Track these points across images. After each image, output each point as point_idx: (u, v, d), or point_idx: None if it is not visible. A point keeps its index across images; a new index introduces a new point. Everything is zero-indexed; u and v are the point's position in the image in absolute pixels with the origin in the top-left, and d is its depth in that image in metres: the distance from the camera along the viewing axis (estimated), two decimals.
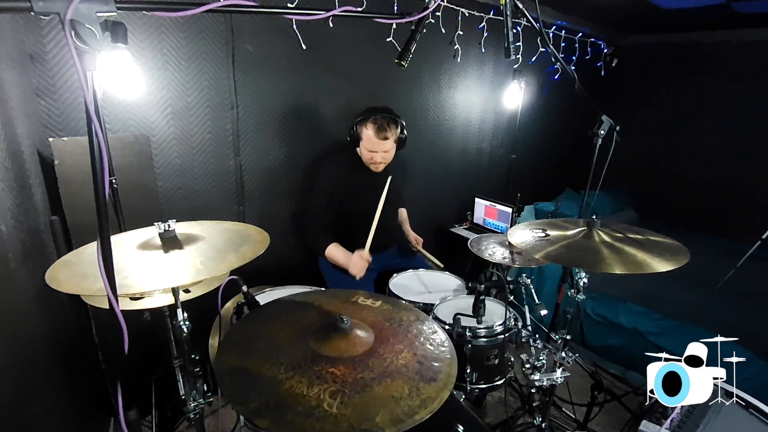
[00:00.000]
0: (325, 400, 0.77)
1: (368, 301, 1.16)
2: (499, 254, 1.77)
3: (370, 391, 0.80)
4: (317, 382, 0.82)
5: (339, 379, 0.82)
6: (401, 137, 1.93)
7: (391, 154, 1.92)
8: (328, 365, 0.86)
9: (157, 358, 1.73)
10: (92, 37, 0.63)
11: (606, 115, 1.45)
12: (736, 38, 3.47)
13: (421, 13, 1.19)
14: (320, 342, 0.93)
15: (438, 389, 0.82)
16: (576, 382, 2.17)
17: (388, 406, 0.77)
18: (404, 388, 0.81)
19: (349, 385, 0.81)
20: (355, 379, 0.83)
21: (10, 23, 1.36)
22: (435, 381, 0.85)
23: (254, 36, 1.93)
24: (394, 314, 1.09)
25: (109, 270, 0.72)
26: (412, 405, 0.78)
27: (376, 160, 1.89)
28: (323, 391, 0.79)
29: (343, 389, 0.80)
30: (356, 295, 1.18)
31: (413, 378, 0.84)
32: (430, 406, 0.78)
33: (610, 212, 3.65)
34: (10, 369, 1.04)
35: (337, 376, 0.83)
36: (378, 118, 1.82)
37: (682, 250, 1.28)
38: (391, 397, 0.79)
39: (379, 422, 0.73)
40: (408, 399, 0.79)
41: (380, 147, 1.84)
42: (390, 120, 1.84)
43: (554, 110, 3.67)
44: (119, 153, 1.60)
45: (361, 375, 0.84)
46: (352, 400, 0.78)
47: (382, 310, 1.11)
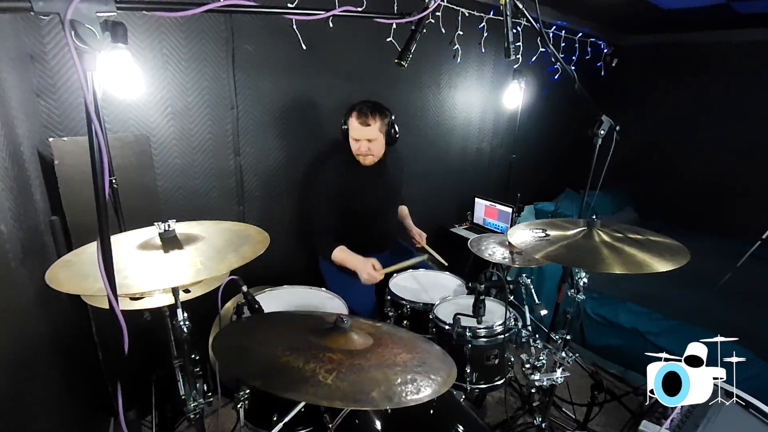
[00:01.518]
0: (320, 374, 0.76)
1: (369, 321, 1.16)
2: (499, 254, 1.77)
3: (366, 373, 0.79)
4: (314, 360, 0.81)
5: (335, 362, 0.82)
6: (389, 130, 1.92)
7: (379, 146, 1.91)
8: (326, 352, 0.86)
9: (157, 358, 1.73)
10: (92, 37, 0.63)
11: (606, 115, 1.45)
12: (736, 38, 3.46)
13: (421, 13, 1.19)
14: (320, 337, 0.94)
15: (436, 386, 0.82)
16: (576, 382, 2.17)
17: (384, 385, 0.76)
18: (403, 377, 0.81)
19: (346, 366, 0.80)
20: (352, 364, 0.82)
21: (10, 23, 1.36)
22: (434, 378, 0.84)
23: (254, 36, 1.93)
24: (394, 330, 1.10)
25: (109, 270, 0.72)
26: (408, 389, 0.77)
27: (362, 150, 1.88)
28: (319, 368, 0.79)
29: (339, 368, 0.79)
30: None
31: (411, 372, 0.84)
32: (426, 392, 0.77)
33: (610, 212, 3.64)
34: (10, 369, 1.04)
35: (334, 360, 0.82)
36: (362, 106, 1.85)
37: (682, 250, 1.28)
38: (387, 380, 0.78)
39: (374, 396, 0.73)
40: (405, 384, 0.78)
41: (363, 134, 1.84)
42: (373, 107, 1.85)
43: (554, 110, 3.67)
44: (119, 153, 1.60)
45: (359, 362, 0.83)
46: (348, 377, 0.77)
47: (381, 328, 1.12)
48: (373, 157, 1.93)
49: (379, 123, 1.86)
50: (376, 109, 1.85)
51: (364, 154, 1.90)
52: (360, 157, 1.92)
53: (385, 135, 1.91)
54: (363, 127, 1.83)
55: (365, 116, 1.83)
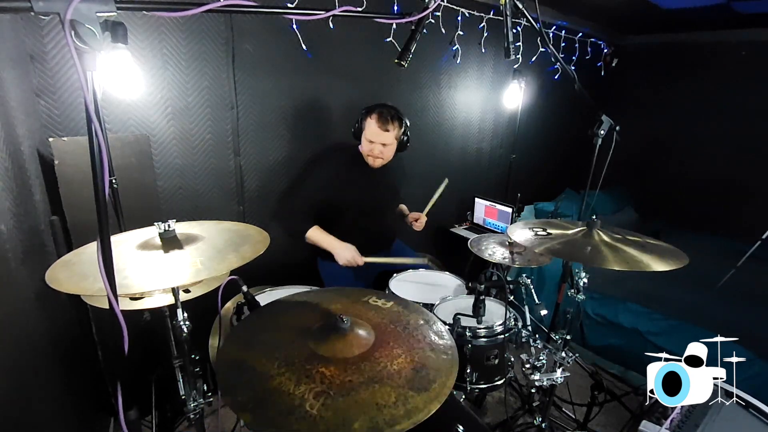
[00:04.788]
0: (308, 401, 0.77)
1: (379, 302, 1.14)
2: (499, 254, 1.77)
3: (355, 396, 0.79)
4: (305, 381, 0.81)
5: (327, 380, 0.82)
6: (403, 138, 1.94)
7: (390, 151, 1.93)
8: (320, 365, 0.86)
9: (157, 358, 1.73)
10: (92, 37, 0.63)
11: (606, 115, 1.45)
12: (736, 38, 3.47)
13: (421, 13, 1.19)
14: (318, 341, 0.93)
15: (427, 400, 0.80)
16: (576, 382, 2.17)
17: (369, 413, 0.76)
18: (391, 396, 0.80)
19: (336, 387, 0.81)
20: (343, 381, 0.82)
21: (10, 23, 1.36)
22: (426, 391, 0.83)
23: (254, 36, 1.93)
24: (402, 316, 1.08)
25: (109, 270, 0.72)
26: (395, 414, 0.76)
27: (374, 153, 1.89)
28: (309, 391, 0.79)
29: (328, 391, 0.79)
30: (368, 295, 1.18)
31: (403, 387, 0.83)
32: (414, 417, 0.76)
33: (610, 212, 3.64)
34: (9, 369, 1.04)
35: (325, 377, 0.83)
36: (383, 110, 1.85)
37: (681, 255, 1.28)
38: (375, 404, 0.78)
39: (356, 429, 0.72)
40: (392, 408, 0.77)
41: (380, 138, 1.85)
42: (395, 114, 1.87)
43: (554, 110, 3.67)
44: (119, 153, 1.60)
45: (350, 378, 0.83)
46: (335, 403, 0.77)
47: (390, 311, 1.11)
48: (382, 161, 1.93)
49: (396, 130, 1.88)
50: (396, 117, 1.87)
51: (375, 156, 1.91)
52: (370, 158, 1.92)
53: (399, 141, 1.93)
54: (382, 132, 1.84)
55: (386, 122, 1.83)
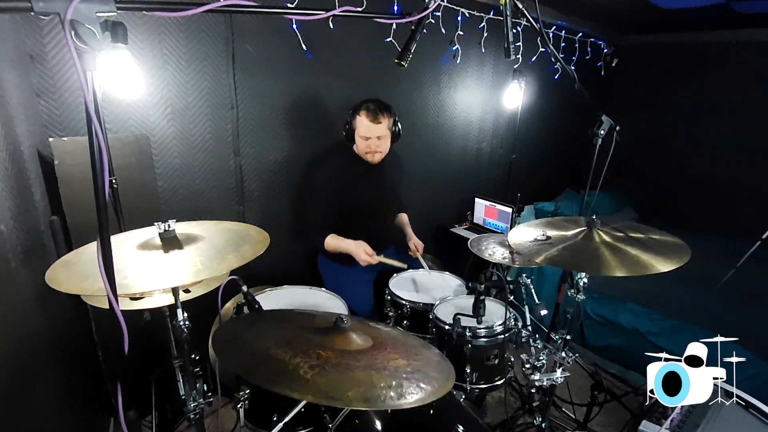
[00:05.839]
0: (303, 369, 0.75)
1: (379, 325, 1.15)
2: (499, 254, 1.77)
3: (350, 374, 0.77)
4: (301, 355, 0.80)
5: (323, 359, 0.80)
6: (395, 129, 1.95)
7: (387, 143, 1.94)
8: (318, 349, 0.85)
9: (157, 358, 1.73)
10: (92, 37, 0.63)
11: (606, 115, 1.45)
12: (736, 38, 3.46)
13: (421, 13, 1.19)
14: (318, 335, 0.93)
15: (423, 394, 0.79)
16: (576, 382, 2.17)
17: (364, 386, 0.74)
18: (387, 380, 0.78)
19: (331, 365, 0.79)
20: (339, 362, 0.80)
21: (10, 23, 1.35)
22: (423, 387, 0.81)
23: (254, 36, 1.93)
24: (402, 337, 1.08)
25: (109, 270, 0.72)
26: (389, 394, 0.74)
27: (371, 148, 1.90)
28: (304, 363, 0.78)
29: (324, 366, 0.78)
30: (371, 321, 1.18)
31: (400, 377, 0.81)
32: (408, 398, 0.74)
33: (610, 212, 3.65)
34: (9, 369, 1.04)
35: (322, 357, 0.81)
36: (369, 104, 1.87)
37: (683, 247, 1.27)
38: (370, 382, 0.76)
39: (350, 396, 0.70)
40: (387, 389, 0.75)
41: (374, 132, 1.86)
42: (382, 105, 1.88)
43: (554, 110, 3.67)
44: (119, 153, 1.60)
45: (347, 361, 0.82)
46: (329, 375, 0.75)
47: (391, 332, 1.11)
48: (381, 154, 1.94)
49: (387, 120, 1.89)
50: (384, 107, 1.89)
51: (373, 152, 1.91)
52: (368, 155, 1.93)
53: (392, 132, 1.94)
54: (374, 125, 1.85)
55: (375, 114, 1.85)
